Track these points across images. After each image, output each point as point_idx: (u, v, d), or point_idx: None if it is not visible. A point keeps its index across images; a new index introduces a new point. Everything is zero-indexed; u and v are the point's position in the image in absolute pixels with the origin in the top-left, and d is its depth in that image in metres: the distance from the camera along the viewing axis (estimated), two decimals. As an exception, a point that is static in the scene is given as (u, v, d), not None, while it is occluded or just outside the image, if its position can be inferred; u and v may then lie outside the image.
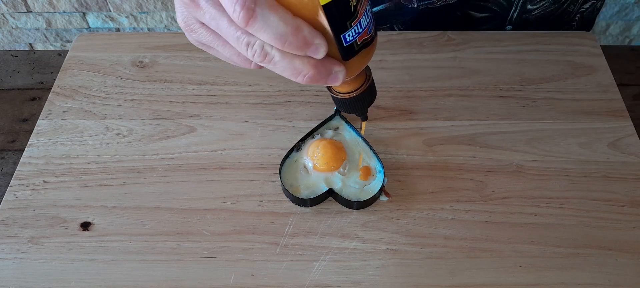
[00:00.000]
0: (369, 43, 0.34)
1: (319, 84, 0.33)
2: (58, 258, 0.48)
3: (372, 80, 0.40)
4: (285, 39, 0.30)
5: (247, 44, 0.32)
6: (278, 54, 0.32)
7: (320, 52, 0.31)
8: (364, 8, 0.32)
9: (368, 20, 0.32)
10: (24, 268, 0.48)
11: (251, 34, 0.31)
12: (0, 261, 0.48)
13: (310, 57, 0.32)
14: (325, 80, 0.33)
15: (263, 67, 0.33)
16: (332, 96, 0.40)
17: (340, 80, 0.34)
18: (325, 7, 0.30)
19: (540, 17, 0.67)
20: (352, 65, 0.34)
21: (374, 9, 0.67)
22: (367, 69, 0.39)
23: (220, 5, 0.31)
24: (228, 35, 0.32)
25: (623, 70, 1.62)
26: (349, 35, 0.32)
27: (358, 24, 0.32)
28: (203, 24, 0.34)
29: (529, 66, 0.62)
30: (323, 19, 0.31)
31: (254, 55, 0.32)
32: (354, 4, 0.31)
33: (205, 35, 0.34)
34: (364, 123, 0.47)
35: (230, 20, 0.31)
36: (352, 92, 0.38)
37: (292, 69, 0.32)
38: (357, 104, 0.39)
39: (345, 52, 0.33)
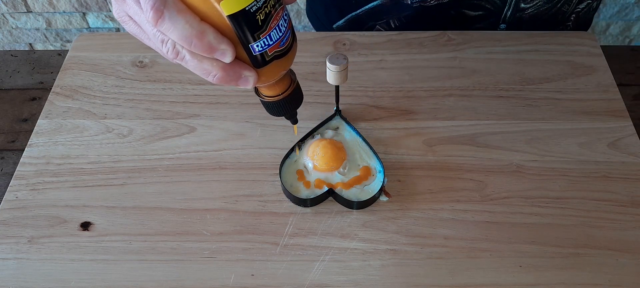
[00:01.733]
0: (282, 53, 0.35)
1: (230, 85, 0.35)
2: (58, 258, 0.48)
3: (297, 84, 0.41)
4: (190, 41, 0.32)
5: (162, 41, 0.34)
6: (188, 54, 0.34)
7: (227, 56, 0.33)
8: (276, 22, 0.33)
9: (281, 34, 0.34)
10: (24, 268, 0.48)
11: (163, 32, 0.33)
12: (0, 261, 0.48)
13: (219, 60, 0.34)
14: (236, 83, 0.35)
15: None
16: (260, 100, 0.42)
17: (251, 84, 0.35)
18: (230, 18, 0.32)
19: (534, 16, 0.67)
20: (265, 72, 0.36)
21: (371, 5, 0.67)
22: (292, 73, 0.41)
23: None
24: (147, 30, 0.34)
25: (623, 70, 1.62)
26: (257, 46, 0.33)
27: (268, 37, 0.33)
28: (131, 17, 0.36)
29: (529, 66, 0.62)
30: (230, 28, 0.32)
31: (167, 52, 0.34)
32: (262, 18, 0.32)
33: (133, 28, 0.36)
34: (295, 126, 0.48)
35: None
36: (276, 96, 0.40)
37: (201, 69, 0.34)
38: (282, 108, 0.41)
39: (255, 61, 0.34)
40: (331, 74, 0.49)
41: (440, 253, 0.48)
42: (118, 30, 1.64)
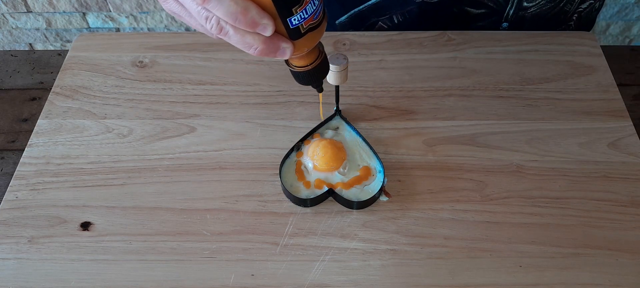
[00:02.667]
0: (315, 26, 0.38)
1: (268, 57, 0.38)
2: (58, 258, 0.48)
3: (325, 56, 0.44)
4: (236, 16, 0.35)
5: (206, 18, 0.36)
6: (231, 29, 0.36)
7: (268, 30, 0.36)
8: None
9: (314, 8, 0.37)
10: (24, 268, 0.48)
11: (208, 10, 0.36)
12: (0, 261, 0.48)
13: (260, 33, 0.36)
14: (275, 55, 0.38)
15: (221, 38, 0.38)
16: (289, 70, 0.45)
17: (288, 55, 0.38)
18: None
19: (537, 15, 0.67)
20: (299, 44, 0.39)
21: (374, 0, 0.68)
22: (320, 45, 0.43)
23: None
24: (191, 8, 0.37)
25: (623, 70, 1.62)
26: (294, 20, 0.37)
27: (304, 11, 0.36)
28: None
29: (529, 66, 0.62)
30: (270, 4, 0.35)
31: (211, 28, 0.37)
32: None
33: (175, 7, 0.38)
34: (320, 95, 0.51)
35: None
36: (306, 66, 0.43)
37: (244, 43, 0.37)
38: (311, 77, 0.44)
39: (291, 34, 0.38)
40: (331, 74, 0.49)
41: (440, 253, 0.48)
42: (118, 30, 1.64)
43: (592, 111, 0.58)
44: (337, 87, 0.54)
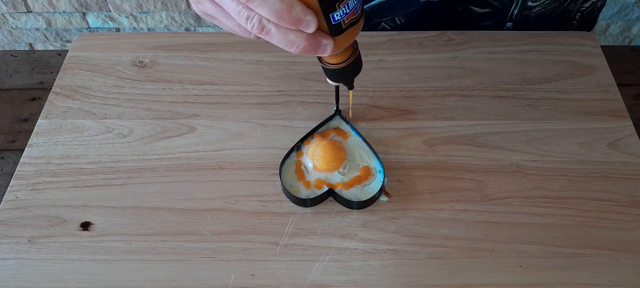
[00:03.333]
0: (355, 21, 0.38)
1: (310, 54, 0.38)
2: (58, 258, 0.48)
3: (359, 53, 0.44)
4: (281, 14, 0.35)
5: (247, 18, 0.36)
6: (274, 27, 0.36)
7: (311, 27, 0.36)
8: None
9: (355, 2, 0.37)
10: (24, 268, 0.48)
11: (251, 9, 0.35)
12: (0, 261, 0.48)
13: (303, 31, 0.36)
14: (316, 52, 0.38)
15: (260, 38, 0.37)
16: (322, 67, 0.44)
17: (329, 51, 0.38)
18: None
19: (541, 15, 0.67)
20: (340, 40, 0.39)
21: (377, 1, 0.68)
22: (355, 43, 0.43)
23: None
24: (230, 8, 0.36)
25: (623, 70, 1.62)
26: (337, 15, 0.36)
27: (346, 6, 0.36)
28: None
29: (529, 66, 0.62)
30: (314, 0, 0.35)
31: (252, 27, 0.36)
32: None
33: (210, 7, 0.38)
34: (351, 92, 0.51)
35: None
36: (340, 63, 0.43)
37: (286, 41, 0.37)
38: (345, 74, 0.44)
39: (333, 30, 0.37)
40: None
41: (440, 253, 0.48)
42: (118, 30, 1.64)
43: (592, 111, 0.58)
44: (337, 87, 0.54)
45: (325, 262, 0.48)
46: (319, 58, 0.44)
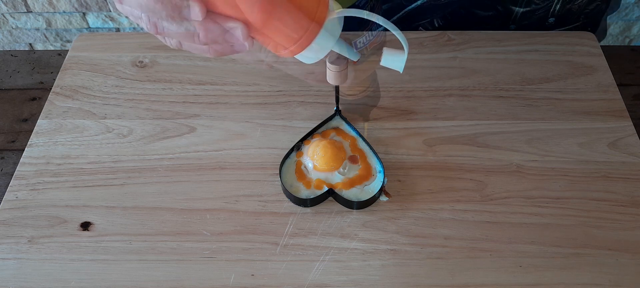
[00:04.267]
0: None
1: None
2: (58, 258, 0.48)
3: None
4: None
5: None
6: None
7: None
8: None
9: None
10: (24, 268, 0.48)
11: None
12: (0, 261, 0.48)
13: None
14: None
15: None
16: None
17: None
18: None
19: (543, 17, 0.67)
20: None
21: (414, 5, 0.67)
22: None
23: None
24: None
25: (623, 70, 1.62)
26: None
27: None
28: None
29: (529, 66, 0.62)
30: None
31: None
32: None
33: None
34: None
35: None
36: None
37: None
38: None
39: None
40: (331, 74, 0.49)
41: (440, 253, 0.48)
42: (118, 30, 1.64)
43: (592, 111, 0.58)
44: (337, 87, 0.54)
45: (325, 262, 0.48)
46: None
